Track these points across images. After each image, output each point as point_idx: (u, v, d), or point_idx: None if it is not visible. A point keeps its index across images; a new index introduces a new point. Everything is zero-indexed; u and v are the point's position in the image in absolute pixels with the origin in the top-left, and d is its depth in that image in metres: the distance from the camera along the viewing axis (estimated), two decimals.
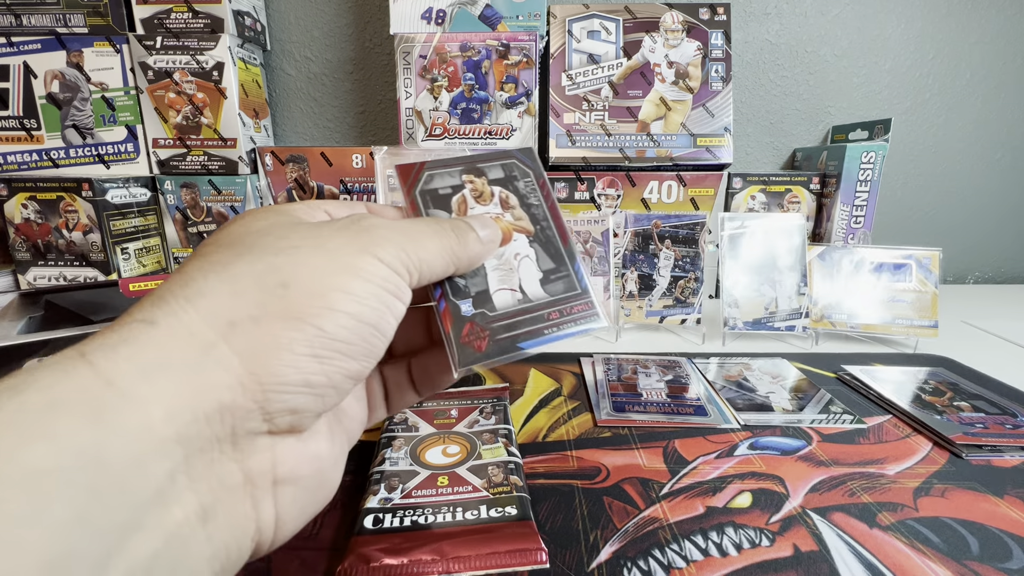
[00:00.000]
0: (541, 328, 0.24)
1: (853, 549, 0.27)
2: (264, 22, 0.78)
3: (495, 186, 0.26)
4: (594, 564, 0.26)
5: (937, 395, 0.43)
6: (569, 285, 0.25)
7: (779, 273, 0.57)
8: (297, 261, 0.17)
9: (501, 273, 0.25)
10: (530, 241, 0.26)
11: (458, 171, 0.26)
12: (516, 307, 0.24)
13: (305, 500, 0.19)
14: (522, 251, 0.25)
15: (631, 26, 0.70)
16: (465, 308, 0.24)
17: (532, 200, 0.26)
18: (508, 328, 0.24)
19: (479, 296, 0.24)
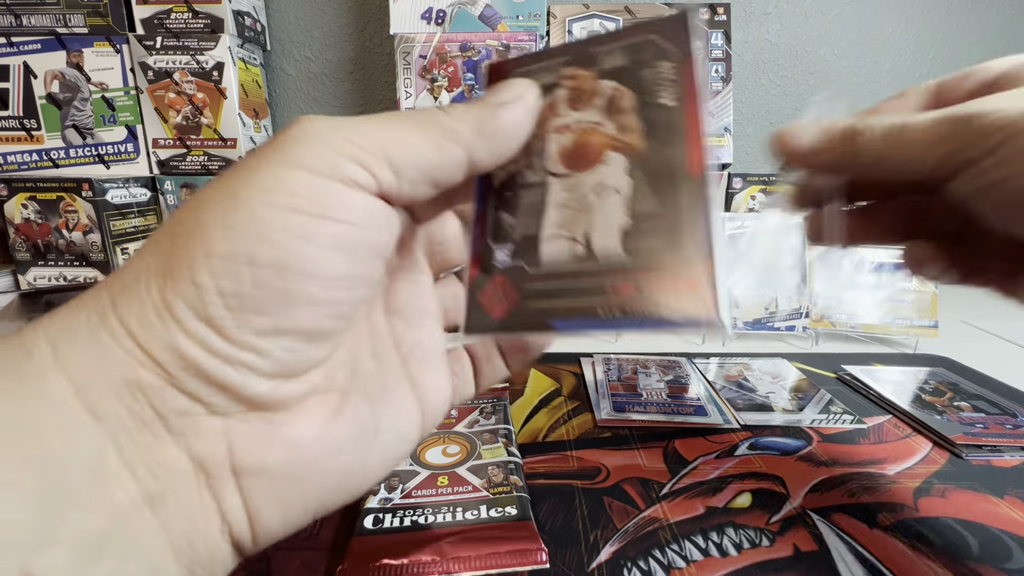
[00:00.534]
0: (596, 306, 0.16)
1: (853, 549, 0.27)
2: (264, 22, 0.78)
3: (608, 80, 0.17)
4: (594, 564, 0.26)
5: (937, 395, 0.43)
6: (671, 242, 0.15)
7: (779, 273, 0.57)
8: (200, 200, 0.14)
9: (568, 212, 0.17)
10: (630, 165, 0.16)
11: (560, 62, 0.18)
12: (570, 265, 0.16)
13: (290, 495, 0.15)
14: (610, 181, 0.16)
15: None
16: (500, 255, 0.17)
17: (662, 98, 0.16)
18: (547, 295, 0.16)
19: (524, 242, 0.17)
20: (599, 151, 0.17)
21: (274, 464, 0.15)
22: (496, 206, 0.17)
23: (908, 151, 0.18)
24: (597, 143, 0.17)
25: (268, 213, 0.14)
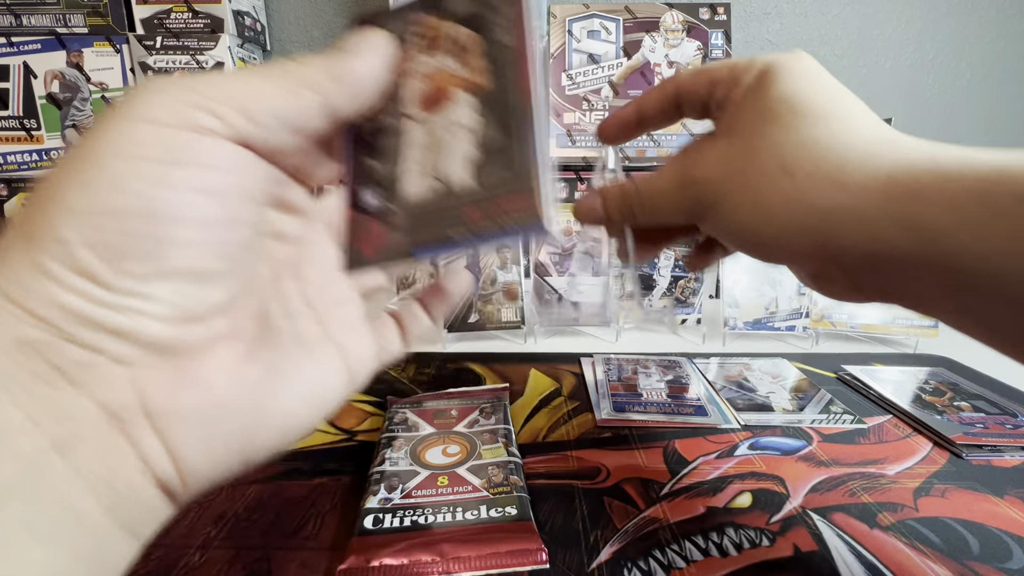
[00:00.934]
0: (450, 231, 0.18)
1: (853, 549, 0.27)
2: (264, 22, 0.78)
3: (458, 27, 0.19)
4: (594, 564, 0.26)
5: (937, 395, 0.43)
6: (511, 172, 0.17)
7: (779, 273, 0.57)
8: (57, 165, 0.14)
9: (425, 151, 0.18)
10: (478, 104, 0.18)
11: (415, 12, 0.19)
12: (428, 199, 0.18)
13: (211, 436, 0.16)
14: (462, 119, 0.18)
15: (631, 26, 0.70)
16: (369, 198, 0.19)
17: (503, 38, 0.18)
18: (410, 228, 0.18)
19: (388, 182, 0.19)
20: (451, 93, 0.18)
21: (187, 406, 0.15)
22: (362, 153, 0.19)
23: (662, 211, 0.24)
24: (449, 85, 0.18)
25: (120, 165, 0.14)
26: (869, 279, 0.19)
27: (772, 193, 0.19)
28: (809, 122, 0.20)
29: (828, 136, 0.19)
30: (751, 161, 0.20)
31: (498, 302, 0.56)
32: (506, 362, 0.50)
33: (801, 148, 0.19)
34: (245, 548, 0.27)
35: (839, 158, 0.19)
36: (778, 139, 0.20)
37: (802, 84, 0.20)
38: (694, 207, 0.22)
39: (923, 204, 0.17)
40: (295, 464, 0.34)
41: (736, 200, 0.20)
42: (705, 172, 0.22)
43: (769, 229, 0.20)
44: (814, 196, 0.19)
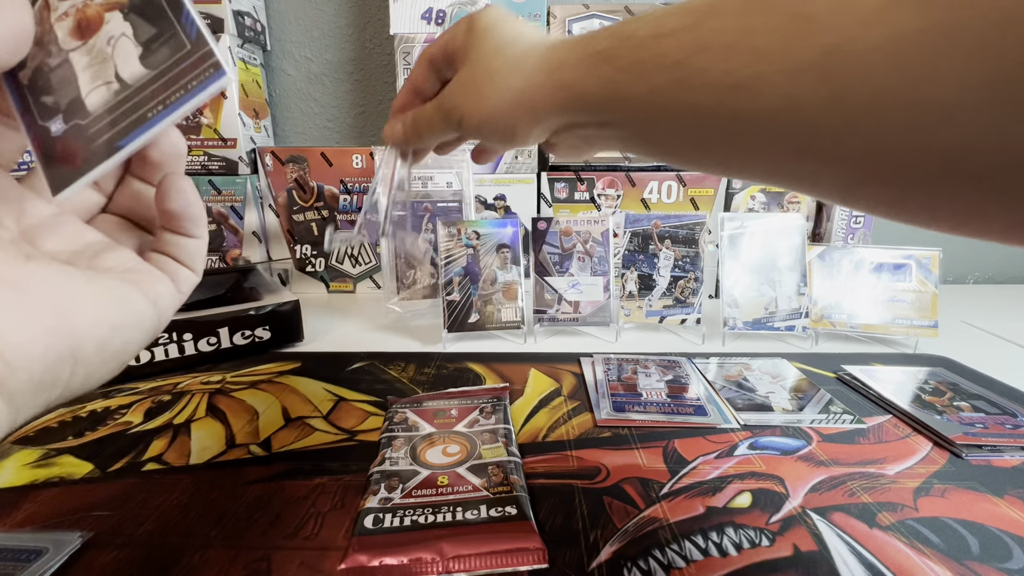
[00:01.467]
0: (144, 113, 0.19)
1: (853, 549, 0.27)
2: (264, 22, 0.78)
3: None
4: (594, 564, 0.26)
5: (937, 395, 0.43)
6: (176, 45, 0.20)
7: (779, 273, 0.57)
8: None
9: (95, 69, 0.20)
10: (125, 14, 0.20)
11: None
12: (112, 101, 0.20)
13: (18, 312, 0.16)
14: (116, 31, 0.20)
15: None
16: (55, 127, 0.20)
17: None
18: (105, 130, 0.20)
19: (71, 106, 0.20)
20: (99, 17, 0.20)
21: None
22: (33, 95, 0.20)
23: (434, 130, 0.32)
24: (94, 13, 0.20)
25: None
26: (572, 135, 0.27)
27: (487, 92, 0.28)
28: (496, 44, 0.28)
29: (510, 46, 0.28)
30: (472, 80, 0.29)
31: (498, 302, 0.56)
32: (506, 362, 0.50)
33: (493, 58, 0.28)
34: (245, 548, 0.27)
35: (515, 55, 0.27)
36: (481, 59, 0.28)
37: (490, 26, 0.29)
38: (452, 123, 0.30)
39: (562, 70, 0.24)
40: (295, 464, 0.34)
41: (472, 107, 0.28)
42: (451, 97, 0.30)
43: (496, 116, 0.28)
44: (510, 83, 0.27)
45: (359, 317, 0.58)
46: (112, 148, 0.19)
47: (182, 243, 0.22)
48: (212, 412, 0.41)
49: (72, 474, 0.33)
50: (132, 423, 0.39)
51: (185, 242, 0.23)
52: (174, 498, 0.31)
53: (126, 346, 0.19)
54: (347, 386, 0.45)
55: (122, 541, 0.27)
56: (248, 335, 0.51)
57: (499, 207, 0.72)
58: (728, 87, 0.17)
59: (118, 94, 0.20)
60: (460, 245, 0.56)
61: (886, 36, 0.14)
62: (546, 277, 0.57)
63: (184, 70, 0.20)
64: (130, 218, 0.23)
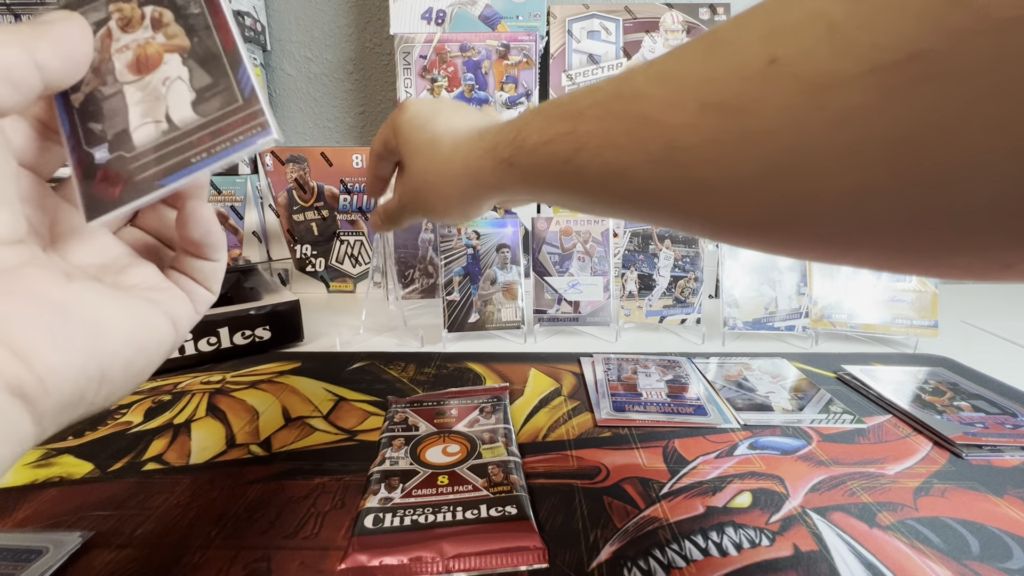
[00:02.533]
0: (188, 157, 0.20)
1: (853, 549, 0.27)
2: (264, 22, 0.78)
3: (147, 6, 0.22)
4: (594, 564, 0.26)
5: (937, 395, 0.43)
6: (228, 99, 0.21)
7: (779, 273, 0.57)
8: None
9: (146, 105, 0.21)
10: (184, 59, 0.22)
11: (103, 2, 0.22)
12: (160, 139, 0.21)
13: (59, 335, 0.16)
14: (173, 73, 0.21)
15: (631, 26, 0.70)
16: (99, 155, 0.21)
17: (192, 9, 0.23)
18: (148, 167, 0.20)
19: (117, 138, 0.21)
20: (159, 57, 0.21)
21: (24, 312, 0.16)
22: (82, 120, 0.21)
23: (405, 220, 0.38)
24: (154, 51, 0.22)
25: None
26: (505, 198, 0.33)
27: (437, 202, 0.33)
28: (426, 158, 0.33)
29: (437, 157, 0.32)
30: (418, 191, 0.34)
31: (498, 302, 0.56)
32: (506, 362, 0.50)
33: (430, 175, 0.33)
34: (245, 548, 0.27)
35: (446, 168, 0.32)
36: (420, 174, 0.34)
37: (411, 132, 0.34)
38: (413, 211, 0.36)
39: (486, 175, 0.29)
40: (295, 464, 0.34)
41: (431, 211, 0.35)
42: (410, 203, 0.36)
43: (453, 213, 0.34)
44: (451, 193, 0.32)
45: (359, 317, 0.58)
46: (153, 186, 0.20)
47: (201, 265, 0.23)
48: (212, 412, 0.41)
49: (72, 474, 0.33)
50: (132, 423, 0.39)
51: (204, 265, 0.23)
52: (174, 498, 0.31)
53: (148, 366, 0.20)
54: (347, 386, 0.45)
55: (122, 541, 0.27)
56: (248, 335, 0.51)
57: (499, 207, 0.72)
58: (609, 175, 0.22)
59: (166, 134, 0.21)
60: (460, 245, 0.56)
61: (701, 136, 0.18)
62: (546, 277, 0.57)
63: (233, 123, 0.21)
64: (154, 235, 0.24)
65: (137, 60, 0.21)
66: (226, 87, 0.21)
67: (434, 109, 0.35)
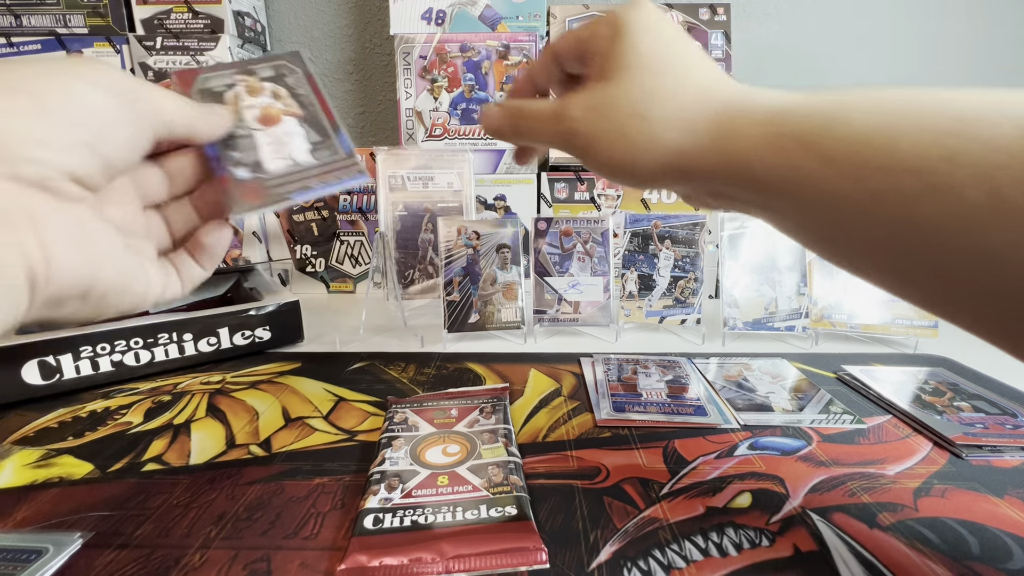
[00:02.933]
0: (308, 183, 0.31)
1: (853, 549, 0.27)
2: (264, 22, 0.78)
3: (268, 83, 0.33)
4: (594, 564, 0.26)
5: (937, 395, 0.43)
6: (334, 152, 0.32)
7: (779, 273, 0.57)
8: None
9: (274, 147, 0.31)
10: (300, 122, 0.32)
11: (231, 73, 0.32)
12: (289, 170, 0.31)
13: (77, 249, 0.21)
14: (293, 130, 0.32)
15: None
16: (240, 174, 0.29)
17: (301, 91, 0.33)
18: (281, 185, 0.30)
19: (255, 165, 0.30)
20: (279, 117, 0.31)
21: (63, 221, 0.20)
22: (225, 150, 0.29)
23: (538, 135, 0.28)
24: (275, 113, 0.31)
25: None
26: (719, 198, 0.25)
27: (633, 135, 0.24)
28: (654, 73, 0.24)
29: (672, 85, 0.24)
30: (613, 108, 0.24)
31: (498, 302, 0.56)
32: (506, 362, 0.50)
33: (650, 97, 0.23)
34: (245, 548, 0.27)
35: (681, 104, 0.23)
36: (632, 89, 0.24)
37: (648, 39, 0.24)
38: (566, 140, 0.26)
39: (738, 141, 0.22)
40: (295, 464, 0.34)
41: (606, 141, 0.24)
42: (575, 112, 0.25)
43: (637, 165, 0.24)
44: (667, 137, 0.23)
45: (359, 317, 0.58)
46: (284, 197, 0.29)
47: (192, 266, 0.28)
48: (212, 412, 0.41)
49: (72, 474, 0.33)
50: (132, 423, 0.39)
51: (194, 268, 0.28)
52: (174, 498, 0.31)
53: (119, 306, 0.24)
54: (347, 386, 0.45)
55: (122, 541, 0.27)
56: (248, 335, 0.51)
57: (499, 207, 0.72)
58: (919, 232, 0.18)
59: (291, 168, 0.31)
60: (460, 245, 0.56)
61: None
62: (546, 277, 0.57)
63: (339, 167, 0.31)
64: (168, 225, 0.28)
65: (263, 116, 0.32)
66: (331, 145, 0.32)
67: (680, 34, 0.25)
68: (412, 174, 0.65)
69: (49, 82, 0.21)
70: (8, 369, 0.41)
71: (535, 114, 0.28)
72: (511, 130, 0.30)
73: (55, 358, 0.43)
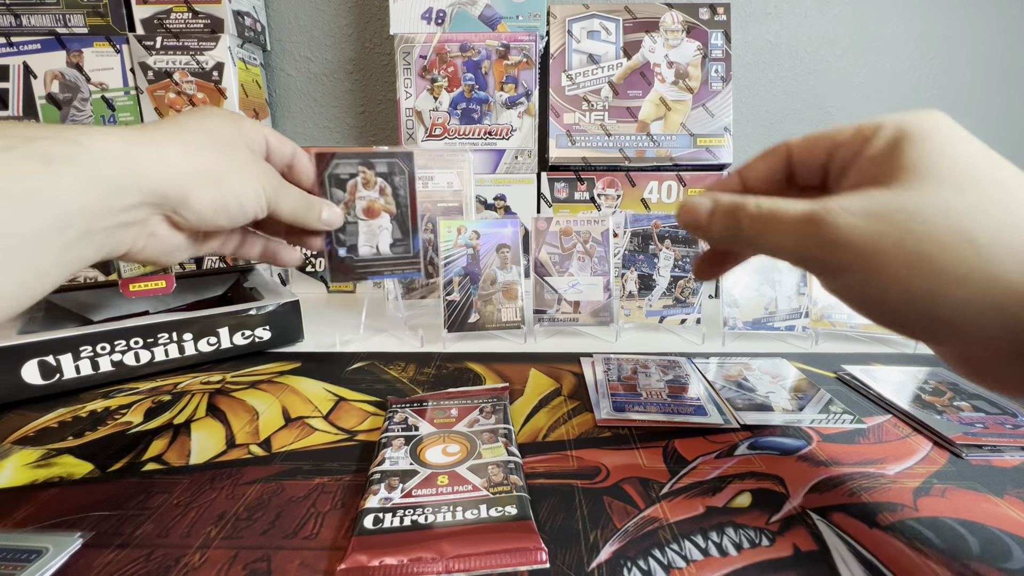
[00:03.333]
0: (382, 270, 0.43)
1: (853, 549, 0.27)
2: (264, 22, 0.78)
3: (380, 177, 0.41)
4: (594, 564, 0.26)
5: (937, 395, 0.43)
6: (407, 250, 0.44)
7: (779, 273, 0.57)
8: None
9: (367, 236, 0.41)
10: (392, 218, 0.41)
11: (356, 163, 0.40)
12: (371, 257, 0.42)
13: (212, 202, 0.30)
14: (384, 224, 0.41)
15: (631, 26, 0.70)
16: (341, 252, 0.41)
17: (401, 192, 0.42)
18: (363, 267, 0.42)
19: (351, 247, 0.41)
20: (379, 211, 0.41)
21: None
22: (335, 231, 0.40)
23: (775, 243, 0.21)
24: (378, 208, 0.41)
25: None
26: None
27: (945, 259, 0.17)
28: (979, 187, 0.18)
29: (1006, 205, 0.17)
30: (915, 219, 0.18)
31: (498, 302, 0.56)
32: (506, 362, 0.50)
33: (981, 214, 0.17)
34: (245, 548, 0.27)
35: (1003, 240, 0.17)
36: (952, 202, 0.17)
37: (963, 148, 0.19)
38: (822, 253, 0.20)
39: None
40: (295, 464, 0.34)
41: (899, 260, 0.18)
42: (847, 217, 0.19)
43: (944, 299, 0.17)
44: (1003, 269, 0.17)
45: (359, 317, 0.58)
46: (363, 278, 0.43)
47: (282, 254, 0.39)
48: (212, 412, 0.41)
49: (72, 474, 0.33)
50: (132, 423, 0.39)
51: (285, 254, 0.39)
52: (174, 498, 0.31)
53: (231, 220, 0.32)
54: (347, 386, 0.45)
55: (122, 541, 0.27)
56: (248, 335, 0.51)
57: (499, 207, 0.72)
58: None
59: (375, 256, 0.42)
60: (460, 245, 0.56)
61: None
62: (546, 277, 0.57)
63: (406, 264, 0.44)
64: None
65: (368, 208, 0.41)
66: (407, 244, 0.43)
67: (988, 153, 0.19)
68: None
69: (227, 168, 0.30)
70: (8, 369, 0.41)
71: (773, 214, 0.21)
72: (727, 230, 0.23)
73: (55, 358, 0.43)
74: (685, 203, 0.24)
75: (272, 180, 0.32)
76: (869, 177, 0.20)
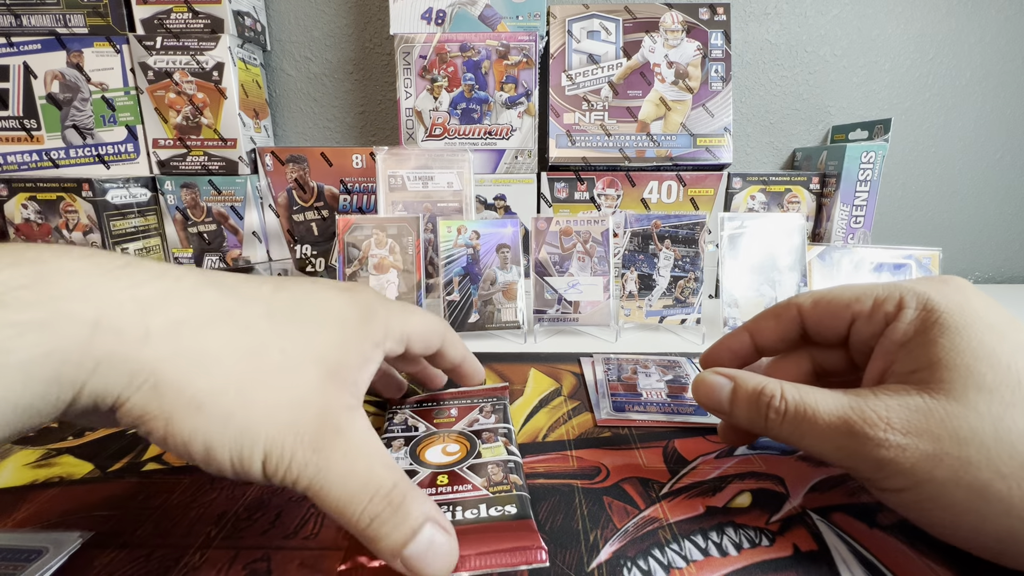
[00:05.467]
0: None
1: (853, 549, 0.27)
2: (264, 22, 0.78)
3: (391, 238, 0.47)
4: (594, 564, 0.26)
5: None
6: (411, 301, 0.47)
7: (779, 273, 0.57)
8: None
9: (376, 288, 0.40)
10: (399, 273, 0.46)
11: (371, 227, 0.48)
12: None
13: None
14: (393, 280, 0.46)
15: (631, 26, 0.70)
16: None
17: (410, 251, 0.48)
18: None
19: None
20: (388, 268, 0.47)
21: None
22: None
23: (815, 446, 0.20)
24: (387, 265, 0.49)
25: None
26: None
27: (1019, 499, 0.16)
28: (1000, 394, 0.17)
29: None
30: (974, 451, 0.17)
31: (498, 302, 0.56)
32: (506, 362, 0.50)
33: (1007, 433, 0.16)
34: (245, 548, 0.27)
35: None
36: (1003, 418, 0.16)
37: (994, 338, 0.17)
38: (873, 478, 0.19)
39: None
40: None
41: (956, 496, 0.17)
42: (898, 444, 0.18)
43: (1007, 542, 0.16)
44: None
45: None
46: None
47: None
48: None
49: (72, 474, 0.33)
50: None
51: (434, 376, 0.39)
52: (174, 498, 0.31)
53: None
54: None
55: (122, 541, 0.27)
56: None
57: (499, 207, 0.72)
58: None
59: None
60: (460, 245, 0.56)
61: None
62: (546, 277, 0.57)
63: None
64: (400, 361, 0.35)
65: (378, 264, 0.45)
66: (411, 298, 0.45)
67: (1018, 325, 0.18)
68: (412, 174, 0.65)
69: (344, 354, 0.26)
70: None
71: (805, 414, 0.20)
72: (753, 422, 0.22)
73: None
74: (702, 381, 0.23)
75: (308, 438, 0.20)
76: (903, 370, 0.18)
